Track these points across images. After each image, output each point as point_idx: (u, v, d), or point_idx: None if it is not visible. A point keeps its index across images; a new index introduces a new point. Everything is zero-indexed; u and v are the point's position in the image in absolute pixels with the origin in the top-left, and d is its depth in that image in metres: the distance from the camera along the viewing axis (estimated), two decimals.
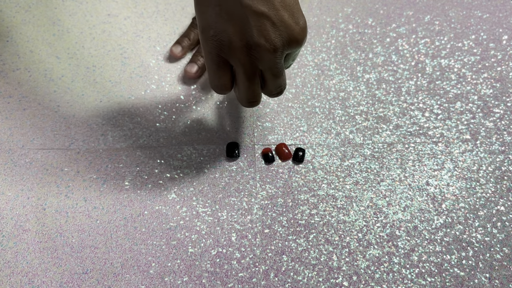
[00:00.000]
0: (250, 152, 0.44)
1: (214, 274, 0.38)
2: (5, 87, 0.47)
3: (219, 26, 0.31)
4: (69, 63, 0.49)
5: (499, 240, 0.40)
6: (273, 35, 0.31)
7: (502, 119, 0.46)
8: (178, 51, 0.48)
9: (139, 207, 0.41)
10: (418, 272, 0.39)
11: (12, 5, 0.52)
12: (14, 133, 0.44)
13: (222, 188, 0.42)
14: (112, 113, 0.46)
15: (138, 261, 0.39)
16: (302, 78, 0.48)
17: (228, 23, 0.31)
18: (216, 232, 0.40)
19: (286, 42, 0.32)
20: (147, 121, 0.45)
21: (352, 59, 0.49)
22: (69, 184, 0.42)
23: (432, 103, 0.47)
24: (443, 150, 0.44)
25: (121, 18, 0.52)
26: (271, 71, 0.33)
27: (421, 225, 0.41)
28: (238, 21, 0.31)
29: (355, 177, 0.43)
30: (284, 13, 0.32)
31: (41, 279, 0.38)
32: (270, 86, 0.35)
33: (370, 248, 0.40)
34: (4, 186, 0.42)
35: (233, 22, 0.31)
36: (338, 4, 0.54)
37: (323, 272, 0.39)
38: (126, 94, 0.47)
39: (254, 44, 0.31)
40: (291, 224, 0.41)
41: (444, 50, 0.50)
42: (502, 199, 0.42)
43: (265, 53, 0.32)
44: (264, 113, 0.46)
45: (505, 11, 0.53)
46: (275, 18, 0.31)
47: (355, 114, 0.46)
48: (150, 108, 0.46)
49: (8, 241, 0.40)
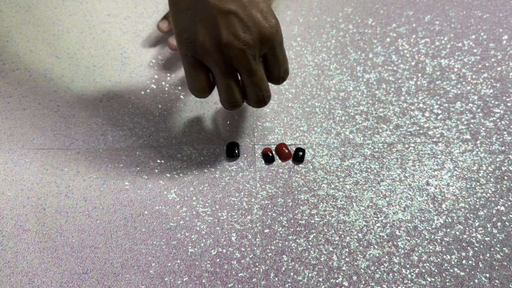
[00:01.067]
0: (250, 152, 0.44)
1: (214, 274, 0.38)
2: (5, 87, 0.47)
3: (191, 28, 0.32)
4: (69, 63, 0.49)
5: (499, 240, 0.40)
6: (242, 33, 0.32)
7: (502, 119, 0.46)
8: (165, 26, 0.47)
9: (139, 207, 0.41)
10: (418, 272, 0.39)
11: (12, 5, 0.52)
12: (14, 133, 0.44)
13: (222, 188, 0.42)
14: (112, 113, 0.46)
15: (138, 261, 0.39)
16: (302, 78, 0.48)
17: (199, 25, 0.32)
18: (216, 232, 0.40)
19: (256, 39, 0.32)
20: (147, 121, 0.45)
21: (352, 59, 0.49)
22: (69, 184, 0.42)
23: (432, 103, 0.47)
24: (443, 150, 0.44)
25: (121, 18, 0.52)
26: (245, 69, 0.33)
27: (421, 225, 0.41)
28: (208, 22, 0.31)
29: (355, 177, 0.43)
30: (253, 10, 0.32)
31: (41, 279, 0.38)
32: (248, 87, 0.35)
33: (370, 248, 0.40)
34: (4, 186, 0.42)
35: (204, 24, 0.32)
36: (338, 4, 0.54)
37: (323, 272, 0.39)
38: (126, 94, 0.47)
39: (225, 43, 0.31)
40: (291, 224, 0.41)
41: (444, 50, 0.50)
42: (502, 199, 0.42)
43: (236, 50, 0.32)
44: (264, 113, 0.46)
45: (505, 11, 0.53)
46: (243, 15, 0.31)
47: (355, 114, 0.46)
48: (150, 108, 0.46)
49: (8, 241, 0.40)
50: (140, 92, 0.47)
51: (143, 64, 0.49)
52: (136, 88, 0.47)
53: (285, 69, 0.36)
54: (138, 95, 0.47)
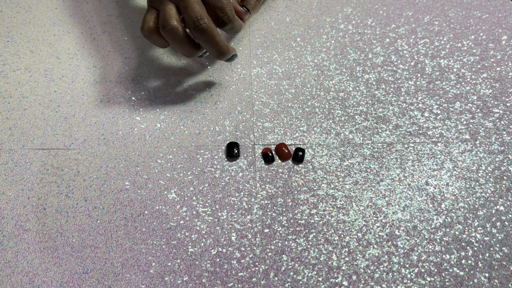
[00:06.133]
0: (250, 152, 0.44)
1: (214, 274, 0.39)
2: (5, 87, 0.47)
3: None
4: (69, 63, 0.49)
5: (499, 239, 0.40)
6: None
7: (502, 119, 0.46)
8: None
9: (139, 207, 0.41)
10: (417, 271, 0.39)
11: (13, 5, 0.53)
12: (14, 133, 0.44)
13: (222, 188, 0.42)
14: (112, 113, 0.46)
15: (139, 261, 0.39)
16: (302, 78, 0.48)
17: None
18: (216, 231, 0.40)
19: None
20: (147, 121, 0.45)
21: (352, 59, 0.50)
22: (69, 184, 0.42)
23: (431, 103, 0.47)
24: (443, 150, 0.44)
25: (121, 19, 0.52)
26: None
27: (420, 224, 0.41)
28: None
29: (355, 177, 0.43)
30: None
31: (42, 278, 0.38)
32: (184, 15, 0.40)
33: (369, 248, 0.40)
34: (5, 186, 0.42)
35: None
36: (338, 4, 0.54)
37: (322, 272, 0.39)
38: (126, 94, 0.47)
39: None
40: (291, 224, 0.41)
41: (444, 50, 0.50)
42: (501, 199, 0.42)
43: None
44: (264, 113, 0.46)
45: (505, 11, 0.53)
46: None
47: (354, 114, 0.46)
48: (150, 108, 0.46)
49: (9, 241, 0.40)
50: (140, 92, 0.47)
51: (143, 64, 0.49)
52: (136, 88, 0.47)
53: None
54: (138, 95, 0.47)
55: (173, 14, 0.39)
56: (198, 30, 0.39)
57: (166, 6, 0.39)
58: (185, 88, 0.48)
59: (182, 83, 0.48)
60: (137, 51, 0.50)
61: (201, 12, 0.39)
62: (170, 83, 0.48)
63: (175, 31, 0.39)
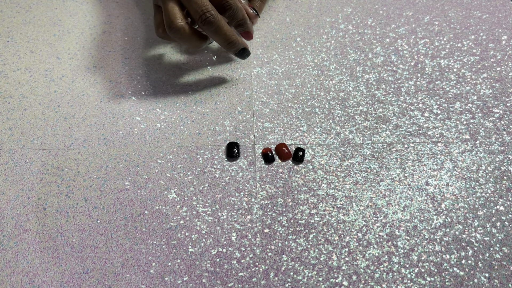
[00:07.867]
0: (250, 152, 0.44)
1: (214, 274, 0.39)
2: (5, 87, 0.47)
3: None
4: (69, 63, 0.49)
5: (499, 239, 0.40)
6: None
7: (502, 119, 0.46)
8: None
9: (139, 207, 0.41)
10: (417, 271, 0.39)
11: (13, 5, 0.53)
12: (14, 133, 0.44)
13: (222, 188, 0.42)
14: (112, 113, 0.46)
15: (139, 261, 0.39)
16: (302, 78, 0.48)
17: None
18: (216, 231, 0.40)
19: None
20: (147, 121, 0.45)
21: (352, 59, 0.50)
22: (69, 184, 0.42)
23: (431, 103, 0.47)
24: (443, 150, 0.44)
25: (122, 19, 0.52)
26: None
27: (420, 224, 0.41)
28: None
29: (355, 177, 0.43)
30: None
31: (42, 278, 0.38)
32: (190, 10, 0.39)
33: (369, 248, 0.40)
34: (5, 186, 0.42)
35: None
36: (338, 4, 0.54)
37: (323, 272, 0.39)
38: (126, 94, 0.47)
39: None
40: (291, 224, 0.41)
41: (444, 51, 0.50)
42: (501, 199, 0.42)
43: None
44: (264, 113, 0.46)
45: (505, 11, 0.53)
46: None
47: (354, 114, 0.46)
48: (150, 108, 0.46)
49: (9, 241, 0.40)
50: (140, 92, 0.47)
51: (143, 64, 0.49)
52: (136, 89, 0.47)
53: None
54: (138, 95, 0.47)
55: (176, 12, 0.39)
56: (205, 23, 0.39)
57: (167, 5, 0.39)
58: (185, 88, 0.48)
59: (182, 83, 0.48)
60: (137, 51, 0.50)
61: (206, 4, 0.38)
62: (170, 83, 0.48)
63: (181, 31, 0.39)
